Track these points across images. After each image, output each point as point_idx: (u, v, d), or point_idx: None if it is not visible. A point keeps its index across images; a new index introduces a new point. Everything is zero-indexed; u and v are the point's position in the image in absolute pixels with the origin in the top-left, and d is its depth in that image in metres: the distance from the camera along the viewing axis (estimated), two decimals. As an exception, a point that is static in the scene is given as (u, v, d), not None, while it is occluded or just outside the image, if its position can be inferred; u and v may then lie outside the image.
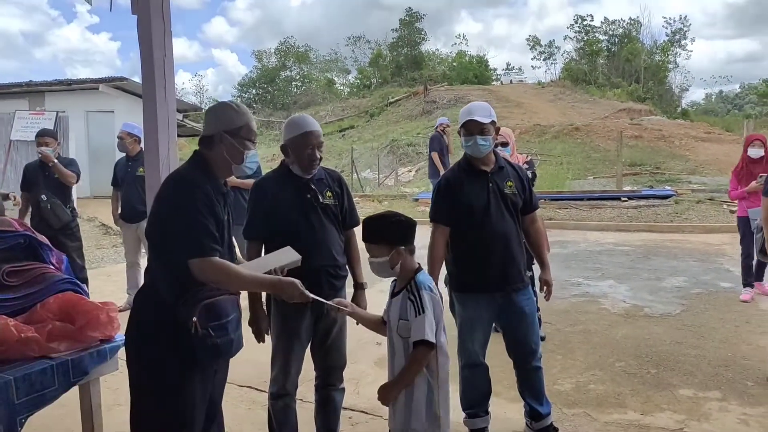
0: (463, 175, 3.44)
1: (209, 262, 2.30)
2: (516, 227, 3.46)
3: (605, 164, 20.19)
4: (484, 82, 47.93)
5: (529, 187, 3.59)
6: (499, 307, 3.41)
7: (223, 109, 2.56)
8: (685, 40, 57.70)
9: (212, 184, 2.45)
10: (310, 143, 3.03)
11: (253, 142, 2.56)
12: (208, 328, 2.33)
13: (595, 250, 9.57)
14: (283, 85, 57.72)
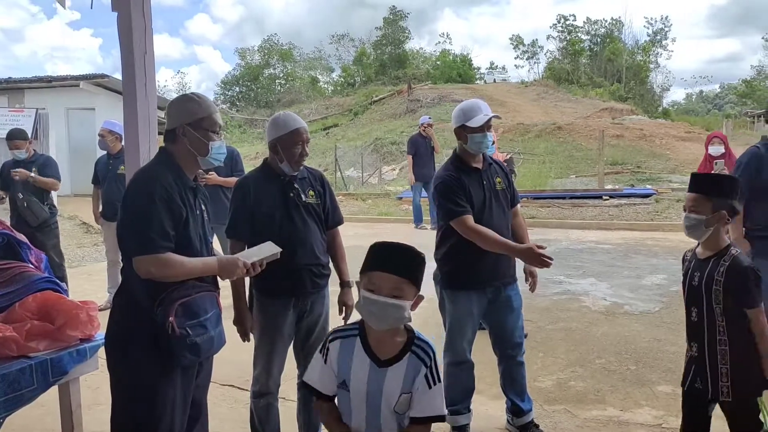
0: (461, 174, 3.45)
1: (151, 258, 2.28)
2: (508, 222, 3.54)
3: (587, 163, 20.35)
4: (467, 80, 48.08)
5: (511, 182, 3.68)
6: (488, 302, 3.44)
7: (183, 102, 2.55)
8: (666, 40, 58.36)
9: (177, 179, 2.44)
10: (300, 140, 3.05)
11: (218, 133, 2.55)
12: (185, 327, 2.32)
13: (576, 249, 9.65)
14: (267, 83, 57.45)
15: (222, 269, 2.48)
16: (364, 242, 8.55)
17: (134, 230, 2.32)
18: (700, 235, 2.65)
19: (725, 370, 2.60)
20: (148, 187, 2.35)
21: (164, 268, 2.31)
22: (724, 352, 2.60)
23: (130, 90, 3.28)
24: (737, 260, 2.59)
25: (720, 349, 2.60)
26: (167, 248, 2.32)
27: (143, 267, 2.29)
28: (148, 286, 2.33)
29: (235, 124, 38.14)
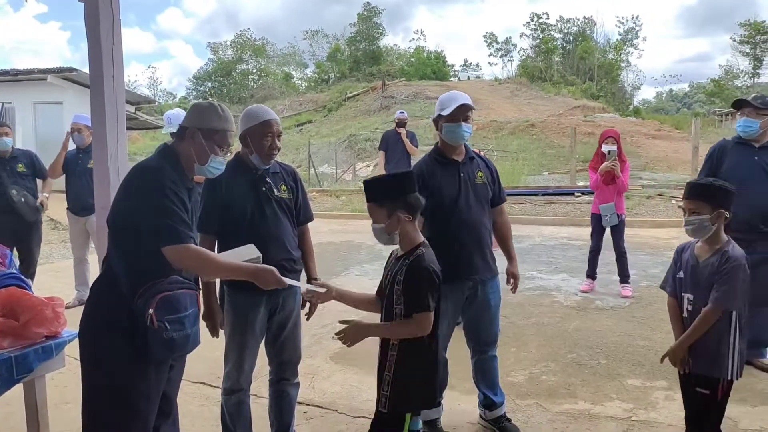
0: (435, 165, 3.45)
1: (185, 248, 2.29)
2: (486, 218, 3.49)
3: (560, 160, 20.58)
4: (441, 77, 48.30)
5: (498, 179, 3.62)
6: (465, 298, 3.43)
7: (207, 108, 2.56)
8: (637, 39, 59.42)
9: (180, 177, 2.43)
10: (270, 132, 3.00)
11: (224, 150, 2.55)
12: (164, 321, 2.29)
13: (549, 244, 9.74)
14: (240, 78, 57.07)
15: (260, 277, 2.44)
16: (338, 239, 8.53)
17: (155, 221, 2.28)
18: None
19: None
20: (157, 180, 2.34)
21: (199, 261, 2.34)
22: None
23: (97, 82, 3.21)
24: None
25: None
26: (192, 239, 2.34)
27: (178, 258, 2.29)
28: (131, 276, 2.30)
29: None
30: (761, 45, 53.40)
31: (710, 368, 2.77)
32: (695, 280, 2.85)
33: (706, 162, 4.68)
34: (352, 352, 4.89)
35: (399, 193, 2.53)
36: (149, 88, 59.45)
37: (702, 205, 2.78)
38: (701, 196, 2.80)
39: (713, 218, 2.75)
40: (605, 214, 6.42)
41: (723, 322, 2.73)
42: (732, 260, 2.73)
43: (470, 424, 3.69)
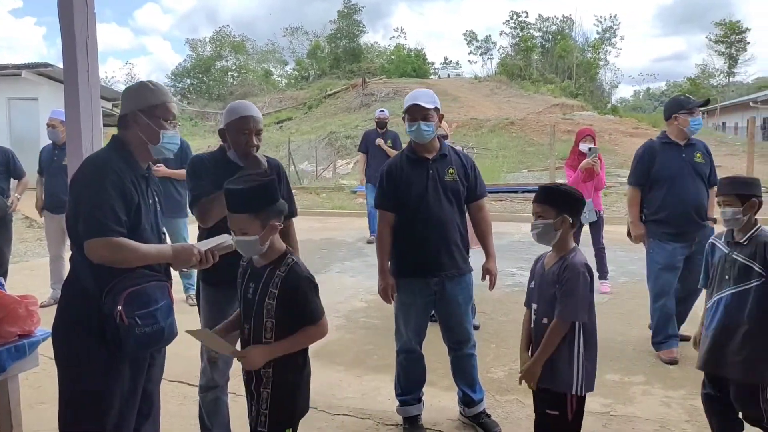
0: (405, 162, 3.48)
1: (103, 240, 2.22)
2: (456, 215, 3.49)
3: (539, 158, 20.71)
4: (422, 75, 48.34)
5: (474, 175, 3.60)
6: (435, 294, 3.44)
7: (137, 88, 2.52)
8: (614, 38, 60.00)
9: (129, 166, 2.39)
10: (247, 128, 2.94)
11: (171, 122, 2.50)
12: (134, 317, 2.25)
13: (528, 241, 9.77)
14: (219, 75, 56.63)
15: (176, 257, 2.41)
16: (317, 236, 8.47)
17: (86, 214, 2.25)
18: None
19: None
20: (99, 172, 2.30)
21: (117, 252, 2.24)
22: None
23: (71, 76, 3.14)
24: None
25: None
26: (120, 233, 2.26)
27: (95, 251, 2.23)
28: (96, 274, 2.26)
29: (186, 117, 37.46)
30: (736, 44, 54.20)
31: (554, 382, 2.68)
32: (540, 289, 2.80)
33: (638, 164, 4.79)
34: (332, 350, 4.90)
35: (272, 200, 2.33)
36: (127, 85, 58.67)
37: (548, 209, 2.73)
38: (547, 200, 2.75)
39: (557, 223, 2.68)
40: (584, 211, 6.46)
41: (567, 333, 2.66)
42: (570, 269, 2.66)
43: (450, 421, 3.69)
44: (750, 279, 2.90)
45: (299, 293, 2.33)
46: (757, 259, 2.90)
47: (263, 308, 2.32)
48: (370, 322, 5.70)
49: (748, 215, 2.95)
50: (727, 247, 3.05)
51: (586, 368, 2.67)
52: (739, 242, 2.99)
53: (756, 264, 2.89)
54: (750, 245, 2.94)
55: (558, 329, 2.63)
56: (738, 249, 2.98)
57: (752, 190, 2.99)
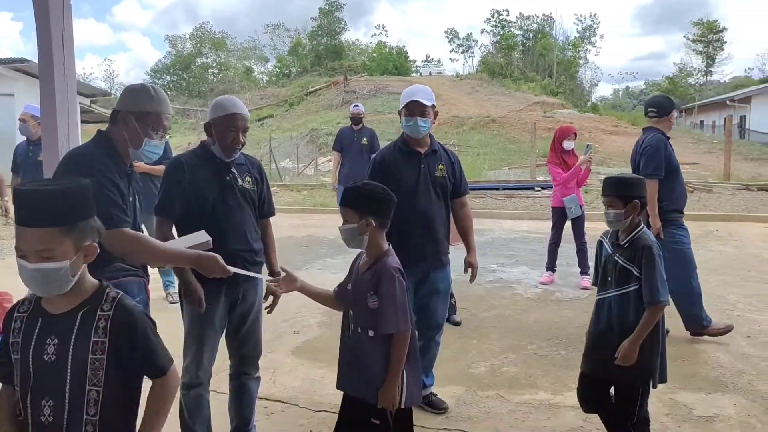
0: (398, 155, 3.58)
1: (120, 232, 2.22)
2: (443, 209, 3.59)
3: (520, 155, 20.82)
4: (403, 73, 48.36)
5: (459, 172, 3.71)
6: (415, 285, 3.51)
7: (139, 91, 2.49)
8: (594, 37, 60.47)
9: (114, 162, 2.36)
10: (234, 125, 2.93)
11: (159, 133, 2.49)
12: None
13: (509, 238, 9.83)
14: (199, 72, 56.20)
15: (202, 264, 2.39)
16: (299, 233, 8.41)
17: None
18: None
19: None
20: (90, 165, 2.28)
21: (135, 244, 2.26)
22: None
23: (47, 69, 3.09)
24: None
25: None
26: (128, 222, 2.27)
27: (114, 242, 2.21)
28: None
29: (166, 114, 37.09)
30: (713, 44, 54.91)
31: (370, 393, 2.45)
32: (355, 295, 2.56)
33: (658, 155, 4.87)
34: (314, 346, 4.88)
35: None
36: (105, 81, 58.02)
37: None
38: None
39: (361, 227, 2.46)
40: (569, 206, 6.53)
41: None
42: (384, 274, 2.44)
43: None
44: (629, 283, 2.86)
45: (138, 335, 1.74)
46: (635, 263, 2.85)
47: (82, 371, 1.68)
48: (351, 318, 5.69)
49: (630, 217, 2.88)
50: (611, 247, 3.00)
51: (411, 380, 2.49)
52: (621, 244, 2.94)
53: (635, 268, 2.85)
54: (630, 248, 2.89)
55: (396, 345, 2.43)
56: (619, 251, 2.93)
57: (635, 191, 2.91)
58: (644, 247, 2.84)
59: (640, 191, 2.93)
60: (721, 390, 3.97)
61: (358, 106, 9.07)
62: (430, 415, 3.69)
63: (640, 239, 2.88)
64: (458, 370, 4.31)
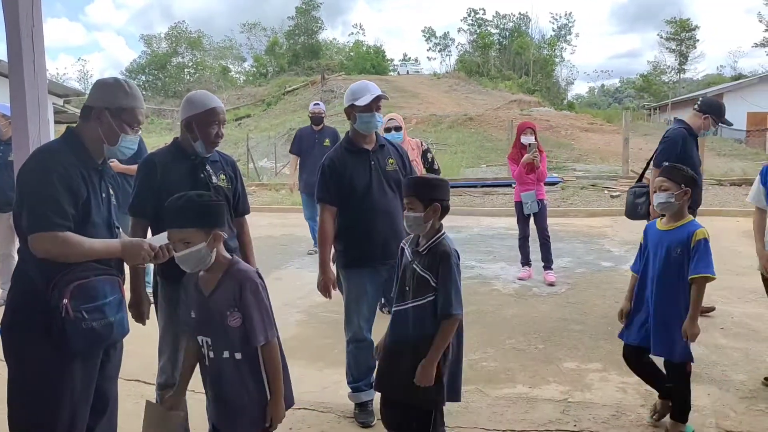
0: (346, 155, 3.54)
1: (48, 235, 2.17)
2: (399, 203, 3.53)
3: (497, 153, 20.90)
4: (381, 72, 48.35)
5: (409, 164, 3.73)
6: (384, 281, 3.53)
7: (111, 85, 2.44)
8: (570, 35, 60.94)
9: (81, 159, 2.32)
10: (216, 120, 2.92)
11: (134, 128, 2.44)
12: (81, 311, 2.19)
13: (487, 234, 9.88)
14: (175, 71, 55.67)
15: (125, 252, 2.36)
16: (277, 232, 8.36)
17: (31, 207, 2.19)
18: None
19: None
20: (46, 164, 2.23)
21: (62, 247, 2.18)
22: None
23: (16, 67, 3.03)
24: None
25: None
26: (65, 227, 2.20)
27: (40, 245, 2.17)
28: (43, 267, 2.20)
29: (142, 114, 36.69)
30: (686, 42, 55.67)
31: None
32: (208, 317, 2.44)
33: (671, 147, 4.97)
34: (292, 345, 4.86)
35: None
36: (79, 82, 57.12)
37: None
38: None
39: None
40: (526, 201, 6.61)
41: None
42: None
43: None
44: (427, 293, 2.61)
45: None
46: (433, 271, 2.61)
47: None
48: (329, 316, 5.67)
49: (430, 221, 2.65)
50: (411, 254, 2.75)
51: None
52: (419, 251, 2.70)
53: (432, 277, 2.61)
54: (429, 255, 2.65)
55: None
56: (418, 258, 2.69)
57: (436, 192, 2.67)
58: (442, 254, 2.61)
59: (442, 193, 2.69)
60: (696, 381, 4.00)
61: (319, 104, 8.34)
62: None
63: (439, 246, 2.65)
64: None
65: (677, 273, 3.18)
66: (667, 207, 3.23)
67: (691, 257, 3.13)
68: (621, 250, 8.41)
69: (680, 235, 3.20)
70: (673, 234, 3.24)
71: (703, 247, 3.12)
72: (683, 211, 3.26)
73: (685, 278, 3.14)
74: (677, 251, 3.18)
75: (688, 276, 3.12)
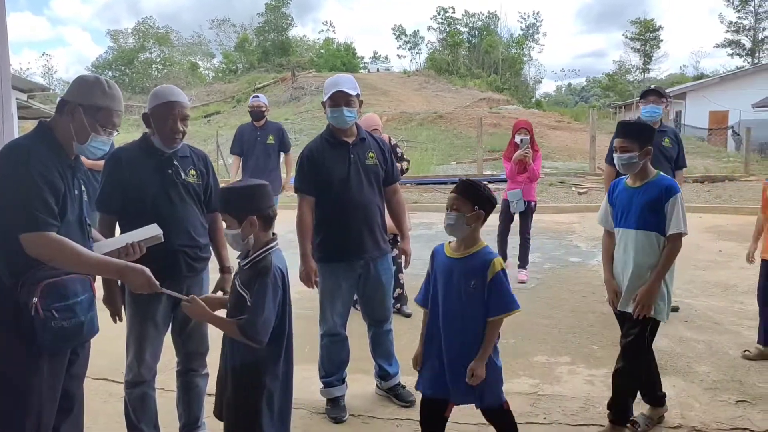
0: (325, 146, 3.52)
1: (43, 237, 2.13)
2: (377, 198, 3.57)
3: (467, 150, 21.07)
4: (351, 69, 48.20)
5: (390, 159, 3.70)
6: (359, 276, 3.55)
7: (91, 83, 2.38)
8: (538, 34, 61.59)
9: (54, 154, 2.27)
10: (172, 114, 2.86)
11: (108, 130, 2.38)
12: (51, 309, 2.15)
13: (458, 232, 9.93)
14: (143, 67, 54.86)
15: (128, 276, 2.32)
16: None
17: (15, 207, 2.13)
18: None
19: None
20: (24, 161, 2.17)
21: (56, 252, 2.16)
22: None
23: (-21, 61, 2.97)
24: None
25: None
26: (54, 226, 2.17)
27: (33, 246, 2.13)
28: (11, 264, 2.16)
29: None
30: (650, 42, 56.71)
31: None
32: None
33: (612, 143, 5.08)
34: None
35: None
36: (44, 77, 55.87)
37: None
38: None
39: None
40: (512, 200, 6.60)
41: None
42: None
43: (367, 395, 3.83)
44: (242, 313, 2.32)
45: None
46: (250, 289, 2.31)
47: None
48: (302, 312, 5.61)
49: (250, 236, 2.38)
50: (237, 268, 2.49)
51: None
52: (242, 265, 2.42)
53: (249, 295, 2.31)
54: (250, 269, 2.37)
55: None
56: (239, 273, 2.43)
57: (249, 205, 2.39)
58: (261, 269, 2.32)
59: (257, 203, 2.40)
60: (661, 372, 4.09)
61: (258, 97, 7.30)
62: (382, 405, 3.72)
63: (262, 261, 2.35)
64: (409, 361, 4.32)
65: (472, 309, 2.65)
66: (455, 230, 2.72)
67: (488, 293, 2.62)
68: (588, 245, 8.54)
69: (473, 263, 2.67)
70: (465, 263, 2.68)
71: (500, 280, 2.64)
72: (476, 236, 2.72)
73: (482, 315, 2.64)
74: (471, 284, 2.64)
75: (488, 315, 2.65)
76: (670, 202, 3.06)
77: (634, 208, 3.16)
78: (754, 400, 3.68)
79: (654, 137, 3.26)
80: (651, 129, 3.29)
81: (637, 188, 3.19)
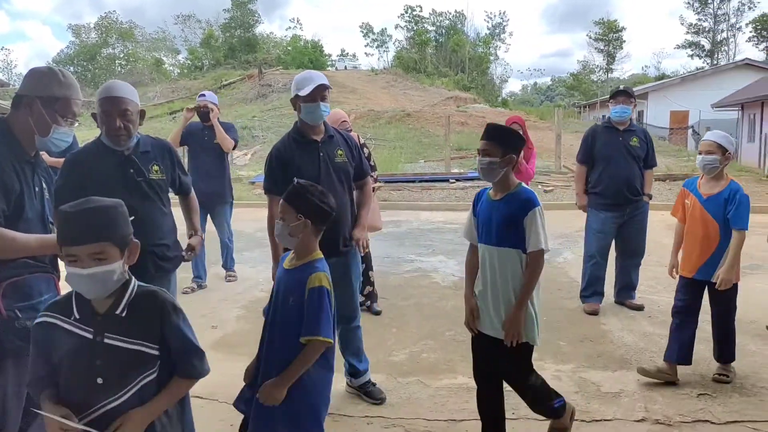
0: (293, 145, 3.47)
1: None
2: (347, 195, 3.55)
3: (435, 149, 21.14)
4: (319, 67, 47.92)
5: (359, 155, 3.69)
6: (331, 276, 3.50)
7: (46, 74, 2.34)
8: (504, 34, 62.19)
9: (12, 150, 2.23)
10: (110, 110, 2.77)
11: (68, 120, 2.34)
12: (14, 309, 2.12)
13: (426, 229, 10.00)
14: (105, 63, 53.87)
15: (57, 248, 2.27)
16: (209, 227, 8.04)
17: None
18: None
19: None
20: None
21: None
22: None
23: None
24: None
25: None
26: None
27: None
28: None
29: (70, 107, 35.29)
30: (613, 42, 57.73)
31: None
32: None
33: (582, 143, 5.58)
34: (233, 341, 4.81)
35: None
36: (3, 72, 54.54)
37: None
38: None
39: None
40: None
41: None
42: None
43: (337, 393, 3.77)
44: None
45: None
46: None
47: None
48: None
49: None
50: None
51: None
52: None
53: None
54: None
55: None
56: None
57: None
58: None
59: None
60: (626, 367, 4.21)
61: (204, 95, 6.76)
62: (353, 403, 3.72)
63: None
64: (379, 359, 4.36)
65: (293, 327, 2.44)
66: (488, 174, 2.91)
67: (305, 311, 2.41)
68: (554, 243, 8.65)
69: (297, 276, 2.51)
70: (292, 275, 2.54)
71: (317, 300, 2.43)
72: (310, 245, 2.60)
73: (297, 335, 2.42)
74: (290, 300, 2.47)
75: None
76: (528, 216, 2.82)
77: (494, 223, 2.95)
78: (714, 393, 3.78)
79: (521, 149, 3.05)
80: (519, 138, 3.01)
81: (497, 201, 2.97)
